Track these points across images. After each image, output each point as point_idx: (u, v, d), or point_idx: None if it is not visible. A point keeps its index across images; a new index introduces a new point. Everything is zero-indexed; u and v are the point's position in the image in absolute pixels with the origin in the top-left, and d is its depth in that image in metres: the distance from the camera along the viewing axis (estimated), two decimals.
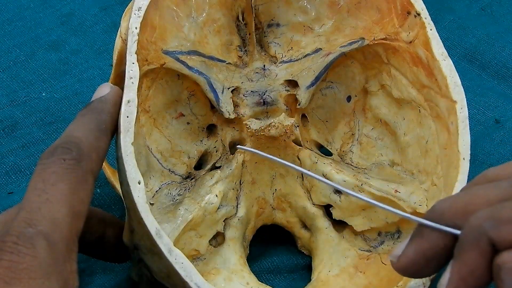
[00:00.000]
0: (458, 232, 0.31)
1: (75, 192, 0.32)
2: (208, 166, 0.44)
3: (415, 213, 0.41)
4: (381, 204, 0.34)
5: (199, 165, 0.45)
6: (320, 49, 0.45)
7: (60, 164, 0.32)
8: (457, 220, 0.31)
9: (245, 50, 0.46)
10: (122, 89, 0.37)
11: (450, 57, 0.41)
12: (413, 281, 0.36)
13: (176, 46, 0.42)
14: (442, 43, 0.41)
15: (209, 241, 0.42)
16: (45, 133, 0.52)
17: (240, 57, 0.45)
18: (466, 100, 0.40)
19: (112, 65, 0.41)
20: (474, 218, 0.30)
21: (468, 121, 0.39)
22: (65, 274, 0.30)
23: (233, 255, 0.42)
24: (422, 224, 0.32)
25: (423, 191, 0.42)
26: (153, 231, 0.34)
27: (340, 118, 0.47)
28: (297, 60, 0.45)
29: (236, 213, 0.43)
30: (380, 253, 0.43)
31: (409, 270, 0.32)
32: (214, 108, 0.44)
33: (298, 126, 0.45)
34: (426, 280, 0.36)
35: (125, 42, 0.39)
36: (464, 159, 0.39)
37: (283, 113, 0.44)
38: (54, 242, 0.30)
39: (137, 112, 0.36)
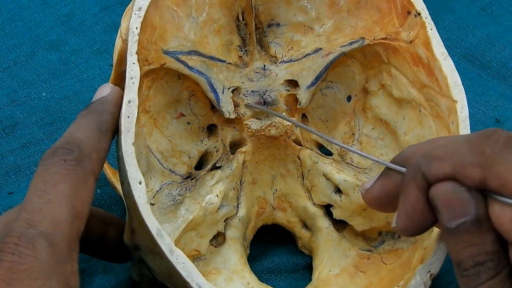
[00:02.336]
0: (404, 169, 0.34)
1: (76, 192, 0.32)
2: (209, 166, 0.44)
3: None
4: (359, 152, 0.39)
5: (199, 165, 0.45)
6: (320, 49, 0.45)
7: (61, 165, 0.32)
8: None
9: (245, 50, 0.46)
10: (123, 89, 0.37)
11: (450, 57, 0.41)
12: (414, 281, 0.36)
13: (176, 46, 0.42)
14: (442, 43, 0.41)
15: (210, 241, 0.42)
16: (45, 133, 0.52)
17: (240, 57, 0.45)
18: (467, 100, 0.40)
19: (112, 65, 0.41)
20: (414, 157, 0.34)
21: (468, 121, 0.39)
22: (66, 274, 0.30)
23: (233, 255, 0.43)
24: (376, 162, 0.38)
25: None
26: (154, 231, 0.34)
27: (340, 117, 0.47)
28: (297, 60, 0.45)
29: (236, 213, 0.43)
30: (380, 253, 0.43)
31: (373, 203, 0.37)
32: (214, 108, 0.44)
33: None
34: (427, 280, 0.36)
35: (125, 42, 0.39)
36: None
37: (284, 113, 0.44)
38: (55, 242, 0.30)
39: (137, 112, 0.36)
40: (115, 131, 0.36)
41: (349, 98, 0.47)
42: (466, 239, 0.31)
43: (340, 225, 0.45)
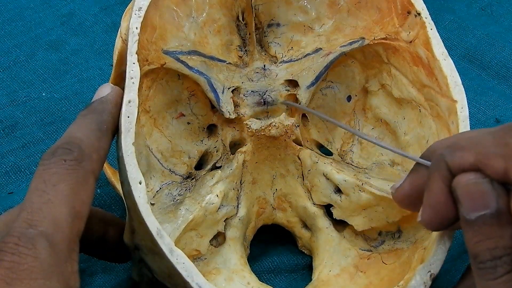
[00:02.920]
0: (429, 163, 0.34)
1: (76, 192, 0.32)
2: (209, 166, 0.44)
3: (415, 212, 0.41)
4: (380, 142, 0.39)
5: (199, 165, 0.45)
6: (320, 49, 0.45)
7: (61, 164, 0.32)
8: None
9: (245, 50, 0.46)
10: (123, 89, 0.37)
11: (450, 57, 0.41)
12: (414, 281, 0.36)
13: (176, 46, 0.42)
14: (442, 43, 0.41)
15: (210, 241, 0.42)
16: (45, 133, 0.52)
17: (240, 57, 0.45)
18: (467, 100, 0.40)
19: (112, 65, 0.41)
20: (438, 148, 0.33)
21: (468, 121, 0.39)
22: (66, 274, 0.30)
23: (233, 255, 0.43)
24: (403, 156, 0.37)
25: None
26: (154, 231, 0.34)
27: (340, 117, 0.47)
28: (297, 60, 0.45)
29: (236, 213, 0.43)
30: (380, 253, 0.43)
31: (404, 201, 0.37)
32: (214, 108, 0.44)
33: (298, 125, 0.45)
34: (427, 280, 0.36)
35: (125, 42, 0.39)
36: None
37: (284, 113, 0.44)
38: (55, 242, 0.30)
39: (137, 112, 0.36)
40: (115, 131, 0.36)
41: (349, 98, 0.47)
42: (485, 232, 0.31)
43: (340, 225, 0.45)
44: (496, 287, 0.31)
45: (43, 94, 0.55)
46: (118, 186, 0.42)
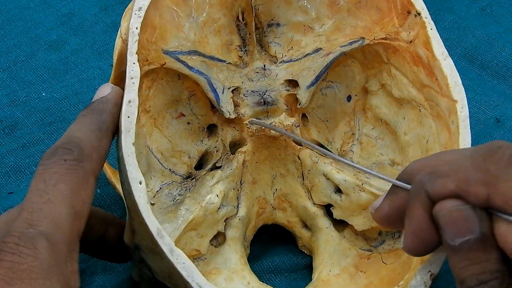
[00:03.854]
0: (409, 187, 0.34)
1: (77, 192, 0.32)
2: (209, 166, 0.44)
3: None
4: (367, 169, 0.39)
5: (199, 165, 0.45)
6: (320, 48, 0.45)
7: (61, 164, 0.32)
8: None
9: (245, 50, 0.46)
10: (123, 89, 0.37)
11: (450, 57, 0.41)
12: (414, 280, 0.36)
13: (176, 46, 0.42)
14: (442, 43, 0.41)
15: (210, 241, 0.42)
16: (45, 133, 0.52)
17: (240, 57, 0.45)
18: (467, 99, 0.40)
19: (112, 65, 0.41)
20: (418, 174, 0.33)
21: (468, 121, 0.39)
22: (66, 274, 0.30)
23: (234, 255, 0.43)
24: (381, 179, 0.37)
25: None
26: (154, 231, 0.34)
27: (341, 117, 0.47)
28: (297, 59, 0.45)
29: (236, 213, 0.43)
30: (380, 253, 0.43)
31: (383, 222, 0.37)
32: (214, 108, 0.44)
33: (298, 125, 0.45)
34: (427, 280, 0.36)
35: (125, 42, 0.39)
36: None
37: (284, 113, 0.44)
38: (55, 242, 0.30)
39: (137, 112, 0.36)
40: (115, 131, 0.36)
41: (349, 98, 0.47)
42: (470, 257, 0.31)
43: (340, 225, 0.45)
44: None
45: (43, 94, 0.55)
46: (118, 186, 0.42)
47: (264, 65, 0.45)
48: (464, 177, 0.31)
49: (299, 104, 0.44)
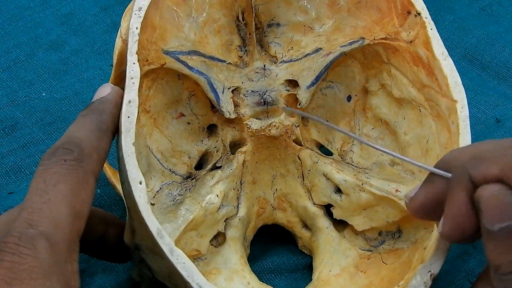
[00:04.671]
0: (449, 175, 0.34)
1: (77, 192, 0.32)
2: (209, 166, 0.44)
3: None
4: (393, 153, 0.38)
5: (199, 165, 0.45)
6: (320, 48, 0.45)
7: (61, 164, 0.32)
8: None
9: (246, 50, 0.46)
10: (123, 89, 0.37)
11: (450, 57, 0.41)
12: (414, 280, 0.36)
13: (176, 46, 0.42)
14: (442, 43, 0.41)
15: (210, 241, 0.42)
16: (45, 133, 0.52)
17: (240, 57, 0.45)
18: (467, 100, 0.40)
19: (112, 65, 0.41)
20: (458, 160, 0.33)
21: (468, 121, 0.39)
22: (66, 274, 0.30)
23: (234, 255, 0.43)
24: (421, 168, 0.37)
25: None
26: (154, 231, 0.34)
27: (341, 117, 0.47)
28: (297, 60, 0.45)
29: (236, 213, 0.43)
30: (381, 253, 0.43)
31: (418, 212, 0.36)
32: (214, 108, 0.44)
33: (298, 125, 0.45)
34: (427, 280, 0.36)
35: (125, 42, 0.39)
36: None
37: (284, 113, 0.44)
38: (55, 242, 0.30)
39: (137, 112, 0.36)
40: (115, 131, 0.36)
41: (349, 98, 0.47)
42: (508, 243, 0.31)
43: (340, 225, 0.45)
44: None
45: (43, 94, 0.55)
46: (118, 186, 0.42)
47: (264, 65, 0.45)
48: (509, 162, 0.31)
49: (299, 104, 0.44)
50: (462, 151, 0.35)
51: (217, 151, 0.45)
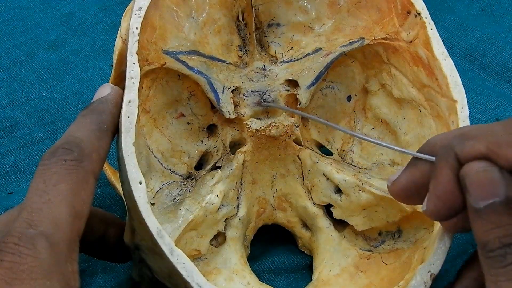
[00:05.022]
0: (433, 159, 0.34)
1: (77, 192, 0.32)
2: (209, 166, 0.44)
3: (415, 212, 0.41)
4: (379, 142, 0.38)
5: (199, 165, 0.45)
6: (320, 48, 0.45)
7: (61, 164, 0.32)
8: None
9: (246, 50, 0.46)
10: (123, 89, 0.37)
11: (450, 57, 0.41)
12: (414, 280, 0.36)
13: (176, 46, 0.42)
14: (442, 43, 0.41)
15: (210, 241, 0.42)
16: (45, 133, 0.52)
17: (240, 57, 0.45)
18: (467, 100, 0.40)
19: (112, 65, 0.41)
20: (445, 139, 0.33)
21: (468, 121, 0.39)
22: (66, 274, 0.30)
23: (234, 255, 0.43)
24: (401, 152, 0.37)
25: None
26: (154, 231, 0.34)
27: (341, 117, 0.47)
28: (297, 60, 0.45)
29: (236, 213, 0.44)
30: (381, 253, 0.43)
31: (400, 195, 0.36)
32: (214, 108, 0.44)
33: (298, 125, 0.45)
34: (427, 280, 0.36)
35: (125, 42, 0.39)
36: None
37: (284, 113, 0.44)
38: (55, 242, 0.30)
39: (137, 112, 0.36)
40: (115, 131, 0.36)
41: (349, 98, 0.47)
42: (494, 220, 0.31)
43: (340, 225, 0.45)
44: (505, 275, 0.31)
45: (43, 94, 0.55)
46: (118, 186, 0.42)
47: (264, 65, 0.45)
48: (495, 139, 0.31)
49: (299, 104, 0.44)
50: (447, 133, 0.35)
51: (217, 151, 0.45)
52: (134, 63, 0.37)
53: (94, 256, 0.42)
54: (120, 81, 0.38)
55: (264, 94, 0.44)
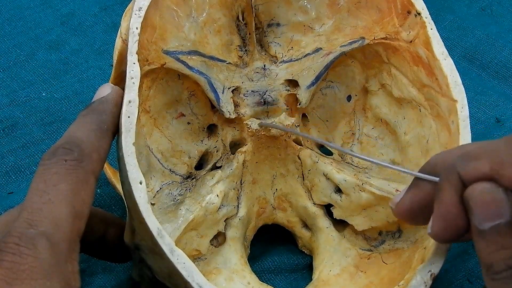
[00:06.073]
0: (437, 179, 0.33)
1: (77, 192, 0.32)
2: (209, 166, 0.44)
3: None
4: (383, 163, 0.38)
5: (199, 165, 0.45)
6: (320, 48, 0.45)
7: (62, 164, 0.32)
8: None
9: (246, 50, 0.46)
10: (123, 89, 0.37)
11: (450, 57, 0.41)
12: (414, 280, 0.36)
13: (176, 46, 0.42)
14: (442, 43, 0.41)
15: (210, 241, 0.42)
16: (45, 133, 0.52)
17: (240, 57, 0.45)
18: (467, 99, 0.40)
19: (112, 65, 0.41)
20: (445, 162, 0.33)
21: (468, 120, 0.39)
22: (66, 274, 0.30)
23: (234, 255, 0.43)
24: (405, 173, 0.37)
25: None
26: (154, 231, 0.34)
27: (341, 117, 0.47)
28: (297, 59, 0.45)
29: (237, 213, 0.44)
30: (381, 253, 0.43)
31: (405, 216, 0.36)
32: (214, 108, 0.44)
33: (298, 125, 0.45)
34: (428, 280, 0.36)
35: (125, 42, 0.39)
36: None
37: (284, 113, 0.44)
38: (55, 242, 0.30)
39: (137, 112, 0.36)
40: (116, 131, 0.36)
41: (349, 98, 0.47)
42: (499, 241, 0.30)
43: (340, 225, 0.45)
44: None
45: (43, 94, 0.55)
46: (118, 186, 0.42)
47: (264, 65, 0.46)
48: (499, 159, 0.31)
49: (299, 104, 0.44)
50: (449, 153, 0.34)
51: (217, 151, 0.45)
52: (134, 63, 0.37)
53: (94, 256, 0.42)
54: (120, 81, 0.38)
55: (264, 94, 0.44)
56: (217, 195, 0.42)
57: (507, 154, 0.31)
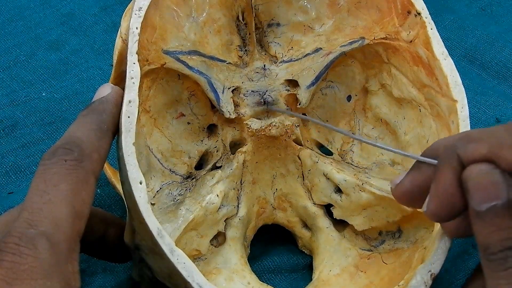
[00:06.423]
0: (435, 162, 0.34)
1: (77, 192, 0.32)
2: (209, 166, 0.44)
3: (416, 212, 0.41)
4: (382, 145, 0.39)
5: (199, 165, 0.45)
6: (320, 48, 0.45)
7: (62, 164, 0.32)
8: None
9: (246, 50, 0.46)
10: (123, 89, 0.37)
11: (450, 57, 0.41)
12: (414, 280, 0.36)
13: (176, 46, 0.42)
14: (442, 43, 0.41)
15: (210, 241, 0.42)
16: (45, 133, 0.52)
17: (240, 57, 0.45)
18: (467, 99, 0.40)
19: (112, 65, 0.41)
20: (449, 141, 0.33)
21: (468, 120, 0.39)
22: (67, 274, 0.30)
23: (234, 255, 0.43)
24: (405, 156, 0.37)
25: None
26: (154, 231, 0.34)
27: (341, 117, 0.47)
28: (297, 59, 0.45)
29: (237, 213, 0.44)
30: (381, 253, 0.43)
31: (404, 198, 0.36)
32: (214, 108, 0.44)
33: (298, 125, 0.45)
34: (428, 280, 0.36)
35: (125, 42, 0.39)
36: None
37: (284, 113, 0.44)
38: (56, 242, 0.30)
39: (137, 112, 0.36)
40: (116, 131, 0.36)
41: (349, 98, 0.47)
42: (496, 223, 0.31)
43: (340, 225, 0.45)
44: (507, 278, 0.30)
45: (43, 94, 0.55)
46: (118, 186, 0.42)
47: (264, 65, 0.46)
48: (497, 141, 0.31)
49: (299, 104, 0.44)
50: (451, 137, 0.35)
51: (217, 151, 0.45)
52: (134, 63, 0.37)
53: (94, 256, 0.42)
54: (120, 81, 0.38)
55: (264, 94, 0.44)
56: (217, 195, 0.42)
57: (506, 137, 0.31)
